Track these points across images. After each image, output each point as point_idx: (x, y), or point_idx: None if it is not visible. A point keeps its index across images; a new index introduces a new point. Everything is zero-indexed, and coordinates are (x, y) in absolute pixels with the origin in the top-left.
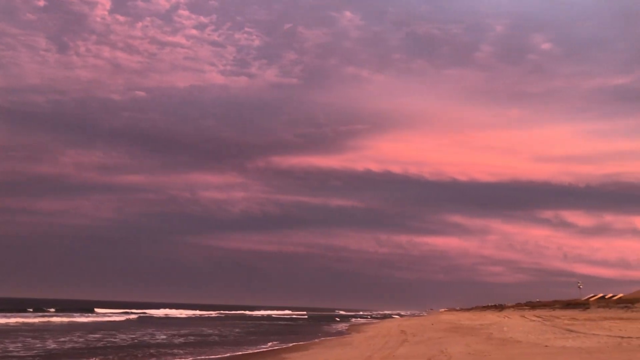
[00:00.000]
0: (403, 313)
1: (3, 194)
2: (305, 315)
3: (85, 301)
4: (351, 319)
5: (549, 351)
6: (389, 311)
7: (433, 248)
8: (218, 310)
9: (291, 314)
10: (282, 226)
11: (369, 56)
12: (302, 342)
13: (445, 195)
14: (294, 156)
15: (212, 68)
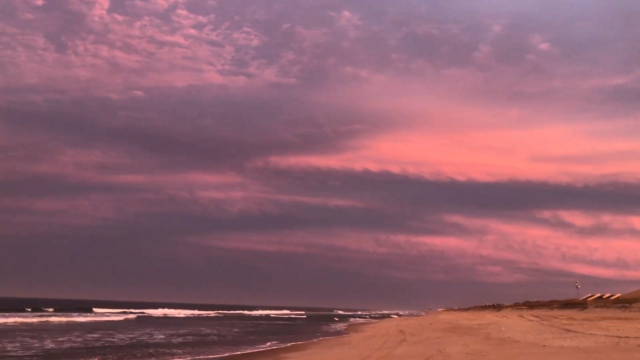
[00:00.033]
0: (401, 313)
1: (2, 194)
2: (303, 315)
3: (84, 301)
4: (350, 319)
5: (546, 351)
6: (387, 311)
7: (432, 248)
8: (216, 310)
9: (290, 313)
10: (281, 226)
11: (368, 56)
12: (301, 342)
13: (444, 195)
14: (293, 156)
15: (211, 68)
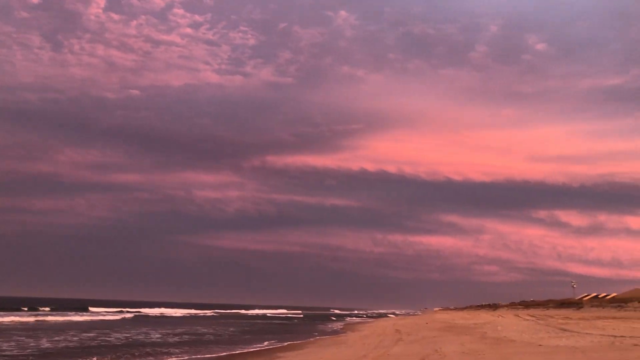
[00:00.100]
0: (398, 312)
1: None
2: (300, 314)
3: (80, 300)
4: (346, 318)
5: (542, 350)
6: (384, 310)
7: (428, 247)
8: (213, 309)
9: (286, 313)
10: (278, 225)
11: (365, 56)
12: (297, 341)
13: (441, 195)
14: (289, 155)
15: (207, 67)
